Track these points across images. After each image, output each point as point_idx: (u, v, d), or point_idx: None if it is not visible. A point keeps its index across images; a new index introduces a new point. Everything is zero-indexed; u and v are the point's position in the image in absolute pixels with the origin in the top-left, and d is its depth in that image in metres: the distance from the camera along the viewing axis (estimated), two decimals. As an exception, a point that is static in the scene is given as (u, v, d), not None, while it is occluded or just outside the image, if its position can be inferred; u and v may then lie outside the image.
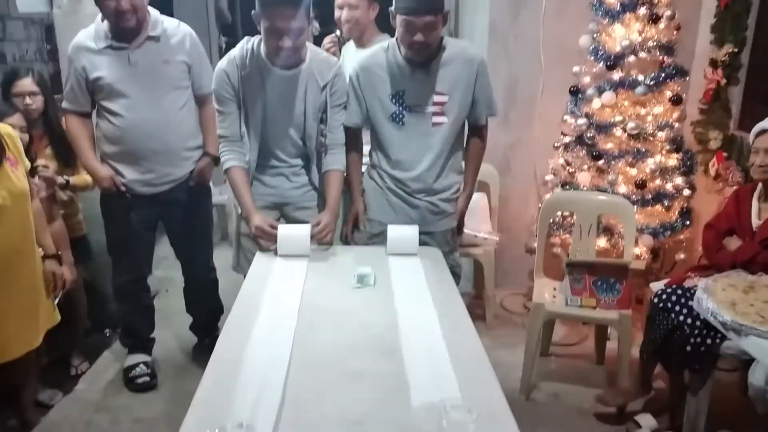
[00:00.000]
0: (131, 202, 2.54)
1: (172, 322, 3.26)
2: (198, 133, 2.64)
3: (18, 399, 2.38)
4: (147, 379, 2.70)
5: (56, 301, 2.31)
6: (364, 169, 2.41)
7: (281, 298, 1.76)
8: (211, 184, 3.03)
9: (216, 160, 2.65)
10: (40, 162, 2.55)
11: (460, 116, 2.23)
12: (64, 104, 2.50)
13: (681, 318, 2.24)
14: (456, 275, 2.45)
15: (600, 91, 3.05)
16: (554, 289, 2.84)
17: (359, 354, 1.45)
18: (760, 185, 2.37)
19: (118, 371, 2.80)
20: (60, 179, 2.61)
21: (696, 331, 2.19)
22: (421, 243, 2.19)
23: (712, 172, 3.17)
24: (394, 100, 2.17)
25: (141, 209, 2.57)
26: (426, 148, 2.22)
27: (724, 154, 3.11)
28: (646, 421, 2.41)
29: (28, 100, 2.59)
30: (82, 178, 2.71)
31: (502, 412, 1.23)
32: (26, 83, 2.61)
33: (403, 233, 2.15)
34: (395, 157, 2.25)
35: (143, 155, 2.48)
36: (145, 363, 2.75)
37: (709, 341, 2.17)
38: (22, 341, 2.12)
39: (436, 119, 2.19)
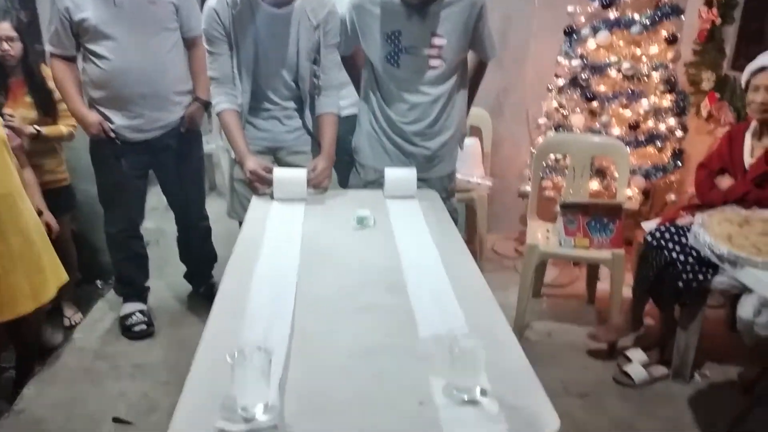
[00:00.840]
0: (121, 148, 2.49)
1: (165, 272, 3.26)
2: (188, 77, 2.58)
3: (22, 346, 2.39)
4: (144, 326, 2.71)
5: None
6: (357, 111, 2.35)
7: (282, 240, 1.75)
8: (200, 131, 2.98)
9: (206, 106, 2.60)
10: (7, 111, 2.48)
11: (457, 60, 2.19)
12: (48, 48, 2.42)
13: (674, 255, 2.28)
14: (454, 221, 2.45)
15: (595, 31, 3.01)
16: (547, 230, 2.87)
17: (364, 290, 1.46)
18: (754, 123, 2.37)
19: (114, 320, 2.80)
20: (30, 129, 2.53)
21: (688, 267, 2.23)
22: (418, 187, 2.18)
23: (704, 113, 3.17)
24: (389, 41, 2.12)
25: (131, 156, 2.53)
26: (422, 92, 2.19)
27: (717, 95, 3.11)
28: (637, 355, 2.47)
29: (5, 45, 2.50)
30: (57, 128, 2.64)
31: (509, 340, 1.26)
32: (4, 28, 2.51)
33: (400, 175, 2.14)
34: (390, 99, 2.22)
35: (131, 100, 2.42)
36: (141, 311, 2.75)
37: (700, 277, 2.22)
38: (30, 295, 2.12)
39: (433, 62, 2.14)
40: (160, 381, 2.39)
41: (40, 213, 2.39)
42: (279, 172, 2.06)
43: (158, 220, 3.87)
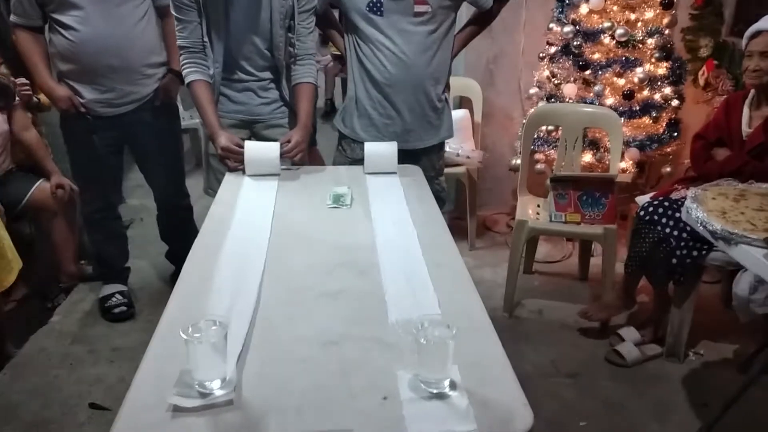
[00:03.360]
0: (92, 124, 2.39)
1: (148, 251, 3.19)
2: (160, 48, 2.46)
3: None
4: (124, 308, 2.64)
5: None
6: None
7: (251, 219, 1.66)
8: (180, 107, 2.88)
9: (182, 78, 2.49)
10: (20, 80, 2.42)
11: (444, 4, 2.08)
12: (13, 18, 2.31)
13: (667, 230, 2.19)
14: (441, 200, 2.37)
15: (588, -4, 2.88)
16: (538, 206, 2.78)
17: (333, 274, 1.37)
18: (752, 92, 2.27)
19: (94, 302, 2.73)
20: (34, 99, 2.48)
21: (682, 243, 2.15)
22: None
23: (702, 81, 3.06)
24: None
25: (103, 132, 2.43)
26: (408, 42, 2.09)
27: (715, 62, 3.00)
28: (629, 334, 2.41)
29: None
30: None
31: (484, 327, 1.17)
32: None
33: (381, 150, 2.04)
34: (375, 55, 2.11)
35: (101, 73, 2.31)
36: (120, 293, 2.68)
37: (695, 253, 2.14)
38: None
39: (419, 8, 2.04)
40: (138, 365, 2.32)
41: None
42: (250, 146, 1.96)
43: (142, 197, 3.78)
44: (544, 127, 3.05)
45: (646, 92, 2.92)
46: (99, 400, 2.13)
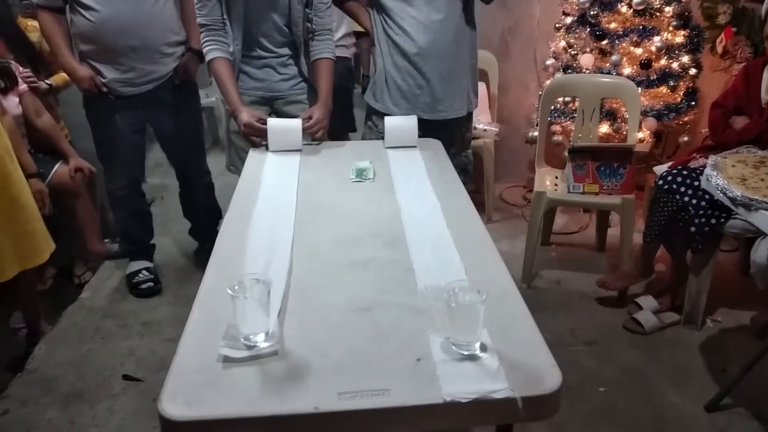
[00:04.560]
0: (115, 103, 2.43)
1: (170, 229, 3.25)
2: (179, 27, 2.49)
3: (26, 311, 2.40)
4: (151, 284, 2.70)
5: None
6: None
7: (277, 194, 1.70)
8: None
9: (201, 56, 2.51)
10: (25, 70, 2.45)
11: None
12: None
13: (686, 199, 2.21)
14: (467, 172, 2.39)
15: (604, -37, 2.85)
16: (556, 177, 2.80)
17: (362, 244, 1.41)
18: (773, 58, 2.26)
19: (121, 279, 2.80)
20: (42, 84, 2.50)
21: (701, 212, 2.17)
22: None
23: (720, 48, 3.03)
24: None
25: (126, 111, 2.47)
26: (435, 9, 2.11)
27: (734, 29, 2.96)
28: (648, 302, 2.44)
29: None
30: (61, 76, 2.59)
31: (510, 293, 1.21)
32: None
33: (401, 124, 2.06)
34: (402, 26, 2.13)
35: (121, 52, 2.34)
36: (147, 269, 2.74)
37: (713, 221, 2.16)
38: (15, 259, 2.10)
39: None
40: (168, 338, 2.39)
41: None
42: (273, 123, 1.99)
43: (162, 176, 3.84)
44: (560, 99, 3.04)
45: (663, 61, 2.91)
46: (131, 372, 2.20)
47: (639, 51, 2.89)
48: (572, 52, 3.03)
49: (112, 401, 2.07)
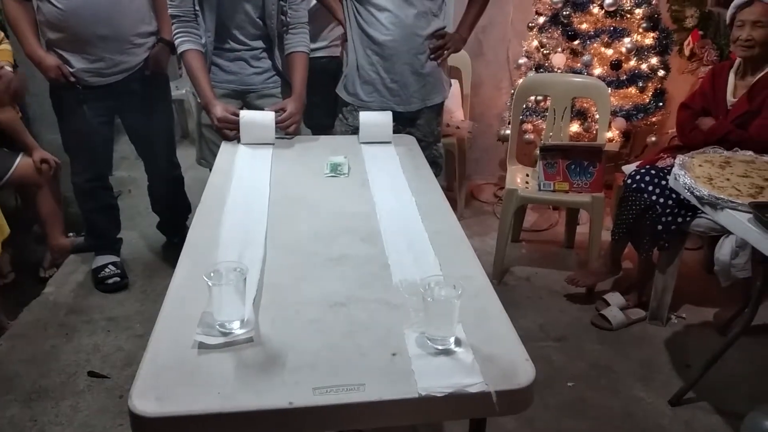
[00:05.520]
0: (82, 94, 2.37)
1: (138, 223, 3.19)
2: (151, 17, 2.44)
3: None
4: (117, 279, 2.65)
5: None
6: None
7: (250, 187, 1.68)
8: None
9: (172, 47, 2.46)
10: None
11: None
12: None
13: (653, 198, 2.25)
14: (438, 165, 2.41)
15: (577, -35, 2.89)
16: (527, 175, 2.83)
17: (337, 240, 1.41)
18: (738, 61, 2.31)
19: (87, 273, 2.74)
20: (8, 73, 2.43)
21: (668, 210, 2.21)
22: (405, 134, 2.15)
23: (687, 51, 3.11)
24: None
25: (93, 102, 2.41)
26: (407, 2, 2.12)
27: (700, 33, 3.04)
28: (615, 299, 2.48)
29: None
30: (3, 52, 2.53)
31: (484, 288, 1.22)
32: None
33: (376, 119, 2.06)
34: (376, 18, 2.13)
35: (90, 42, 2.28)
36: (113, 263, 2.69)
37: (679, 219, 2.21)
38: None
39: None
40: (135, 334, 2.35)
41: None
42: (245, 115, 1.97)
43: (129, 169, 3.76)
44: (532, 97, 3.08)
45: (633, 62, 2.96)
46: (97, 369, 2.16)
47: (610, 52, 2.94)
48: (544, 52, 3.07)
49: (76, 398, 2.03)
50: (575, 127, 3.00)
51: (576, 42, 2.96)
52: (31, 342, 2.31)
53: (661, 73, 3.01)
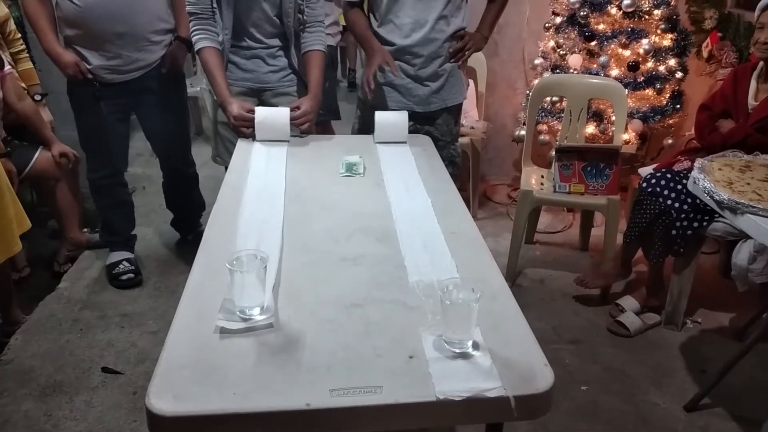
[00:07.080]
0: (99, 91, 2.39)
1: (152, 219, 3.21)
2: (168, 15, 2.45)
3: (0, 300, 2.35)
4: (132, 275, 2.66)
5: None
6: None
7: (266, 186, 1.68)
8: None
9: (189, 45, 2.47)
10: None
11: None
12: None
13: (669, 202, 2.22)
14: (455, 165, 2.40)
15: (595, -35, 2.87)
16: (542, 176, 2.81)
17: (353, 240, 1.40)
18: (761, 64, 2.28)
19: (101, 269, 2.75)
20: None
21: (683, 215, 2.19)
22: (424, 133, 2.14)
23: (705, 53, 3.07)
24: None
25: (110, 99, 2.42)
26: (426, 5, 2.12)
27: (719, 34, 3.00)
28: (629, 303, 2.46)
29: None
30: None
31: (502, 291, 1.21)
32: None
33: (392, 119, 2.05)
34: (389, 22, 2.12)
35: (107, 39, 2.30)
36: (127, 260, 2.70)
37: (696, 224, 2.18)
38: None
39: None
40: (148, 330, 2.36)
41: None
42: (261, 112, 1.98)
43: (144, 166, 3.78)
44: (548, 98, 3.05)
45: (650, 64, 2.93)
46: (111, 364, 2.17)
47: (627, 53, 2.92)
48: (561, 52, 3.05)
49: (90, 394, 2.03)
50: (591, 129, 2.98)
51: (593, 43, 2.93)
52: (45, 337, 2.32)
53: (678, 75, 2.98)
